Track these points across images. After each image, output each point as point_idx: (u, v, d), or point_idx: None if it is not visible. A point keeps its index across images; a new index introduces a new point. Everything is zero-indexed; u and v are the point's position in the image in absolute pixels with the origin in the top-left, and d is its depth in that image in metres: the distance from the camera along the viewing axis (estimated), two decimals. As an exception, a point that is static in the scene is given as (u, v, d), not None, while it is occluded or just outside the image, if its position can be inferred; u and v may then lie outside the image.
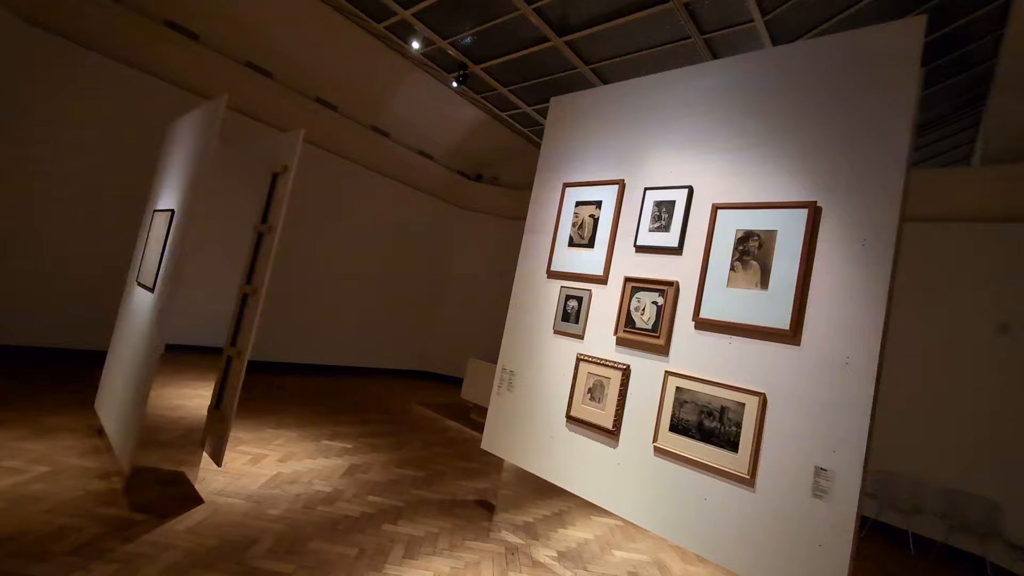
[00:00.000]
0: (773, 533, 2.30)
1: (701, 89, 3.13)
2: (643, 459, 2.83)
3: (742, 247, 2.71)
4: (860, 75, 2.45)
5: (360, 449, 4.36)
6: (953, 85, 5.34)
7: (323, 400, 5.94)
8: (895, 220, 2.22)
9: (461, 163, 9.41)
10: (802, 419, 2.33)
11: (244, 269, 3.33)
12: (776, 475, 2.35)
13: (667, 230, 3.07)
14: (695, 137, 3.08)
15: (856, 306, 2.27)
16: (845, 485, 2.15)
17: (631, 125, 3.44)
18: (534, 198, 3.91)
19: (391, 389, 7.68)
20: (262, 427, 4.39)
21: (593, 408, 3.11)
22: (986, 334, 5.10)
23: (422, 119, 8.02)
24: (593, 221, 3.46)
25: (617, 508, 2.90)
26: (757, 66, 2.92)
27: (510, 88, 6.70)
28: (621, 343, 3.10)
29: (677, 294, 2.93)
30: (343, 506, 3.16)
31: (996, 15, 4.22)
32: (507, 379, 3.65)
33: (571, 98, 3.91)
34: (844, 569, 2.08)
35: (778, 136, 2.72)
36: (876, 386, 2.19)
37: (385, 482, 3.71)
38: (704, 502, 2.56)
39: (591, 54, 5.54)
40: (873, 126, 2.36)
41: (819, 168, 2.51)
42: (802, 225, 2.50)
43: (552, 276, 3.59)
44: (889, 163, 2.27)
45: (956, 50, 4.79)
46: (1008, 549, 4.54)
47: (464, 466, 4.49)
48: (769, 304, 2.55)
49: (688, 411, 2.72)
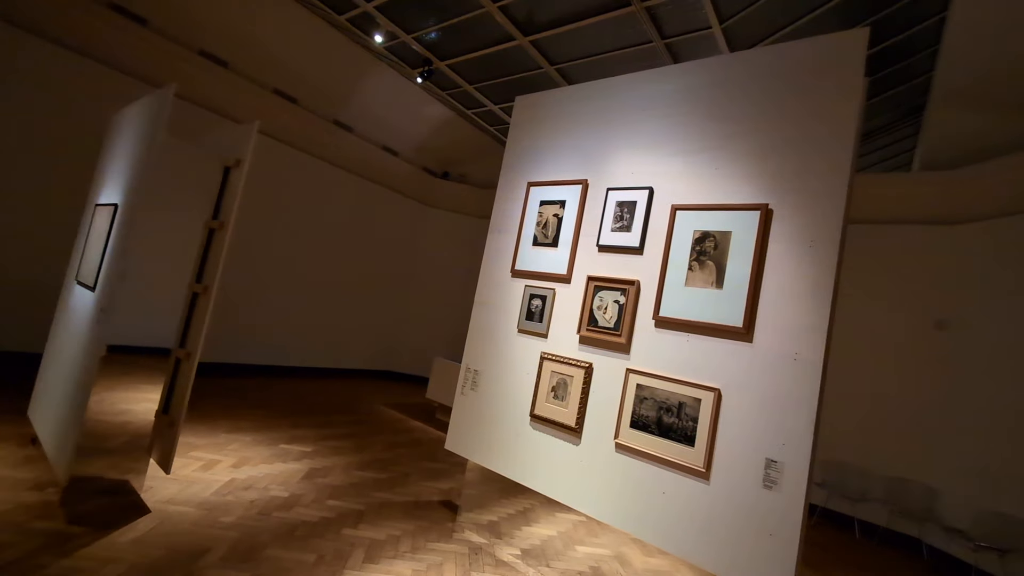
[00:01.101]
0: (727, 524, 2.38)
1: (662, 92, 3.20)
2: (605, 455, 2.87)
3: (699, 247, 2.79)
4: (808, 83, 2.56)
5: (320, 452, 4.24)
6: (895, 95, 5.66)
7: (282, 402, 5.76)
8: (840, 222, 2.33)
9: (427, 160, 9.30)
10: (754, 413, 2.42)
11: (194, 267, 3.18)
12: (729, 467, 2.43)
13: (629, 230, 3.12)
14: (656, 139, 3.15)
15: (804, 304, 2.37)
16: (793, 476, 2.25)
17: (595, 126, 3.48)
18: (499, 197, 3.90)
19: (355, 390, 7.52)
20: (215, 431, 4.21)
21: (557, 406, 3.14)
22: (925, 330, 5.44)
23: (386, 114, 7.87)
24: (557, 220, 3.48)
25: (580, 504, 2.93)
26: (714, 71, 3.00)
27: (476, 85, 6.66)
28: (584, 341, 3.14)
29: (638, 293, 2.98)
30: (301, 511, 3.07)
31: (934, 29, 4.50)
32: (471, 378, 3.63)
33: (536, 97, 3.92)
34: (793, 556, 2.17)
35: (733, 140, 2.80)
36: (822, 380, 2.30)
37: (346, 485, 3.63)
38: (662, 495, 2.62)
39: (556, 54, 5.58)
40: (820, 132, 2.46)
41: (771, 172, 2.60)
42: (755, 226, 2.59)
43: (516, 275, 3.60)
44: (835, 168, 2.38)
45: (898, 62, 5.07)
46: (943, 531, 4.86)
47: (429, 467, 4.45)
48: (724, 303, 2.63)
49: (648, 407, 2.77)
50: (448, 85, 6.85)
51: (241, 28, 6.03)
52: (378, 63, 6.62)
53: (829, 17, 4.37)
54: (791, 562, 2.17)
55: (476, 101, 7.15)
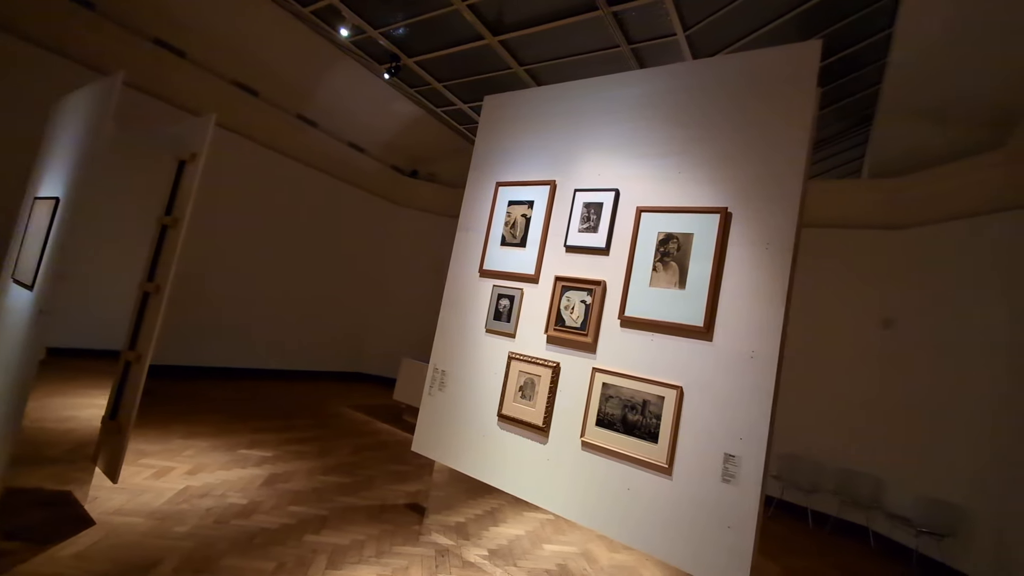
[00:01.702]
0: (688, 518, 2.45)
1: (629, 96, 3.25)
2: (571, 454, 2.90)
3: (663, 249, 2.85)
4: (765, 92, 2.66)
5: (282, 457, 4.12)
6: (847, 105, 5.95)
7: (242, 406, 5.56)
8: (794, 225, 2.43)
9: (396, 158, 9.16)
10: (714, 409, 2.49)
11: (145, 265, 3.03)
12: (691, 463, 2.50)
13: (595, 231, 3.16)
14: (622, 142, 3.20)
15: (761, 303, 2.46)
16: (750, 469, 2.33)
17: (563, 127, 3.50)
18: (467, 196, 3.89)
19: (320, 392, 7.33)
20: (169, 437, 4.03)
21: (524, 406, 3.15)
22: (872, 328, 5.74)
23: (353, 110, 7.71)
24: (525, 221, 3.49)
25: (547, 503, 2.95)
26: (678, 78, 3.08)
27: (445, 83, 6.61)
28: (551, 341, 3.16)
29: (604, 293, 3.02)
30: (261, 518, 2.97)
31: (881, 44, 4.75)
32: (439, 379, 3.60)
33: (505, 97, 3.92)
34: (749, 548, 2.25)
35: (696, 145, 2.88)
36: (777, 377, 2.39)
37: (308, 490, 3.53)
38: (627, 492, 2.66)
39: (525, 55, 5.60)
40: (776, 139, 2.57)
41: (730, 176, 2.69)
42: (715, 229, 2.67)
43: (485, 275, 3.59)
44: (789, 174, 2.48)
45: (849, 74, 5.33)
46: (888, 519, 5.15)
47: (395, 469, 4.38)
48: (686, 302, 2.70)
49: (613, 406, 2.82)
50: (417, 82, 6.77)
51: (199, 16, 5.79)
52: (344, 57, 6.47)
53: (786, 28, 4.55)
54: (748, 553, 2.25)
55: (445, 99, 7.10)
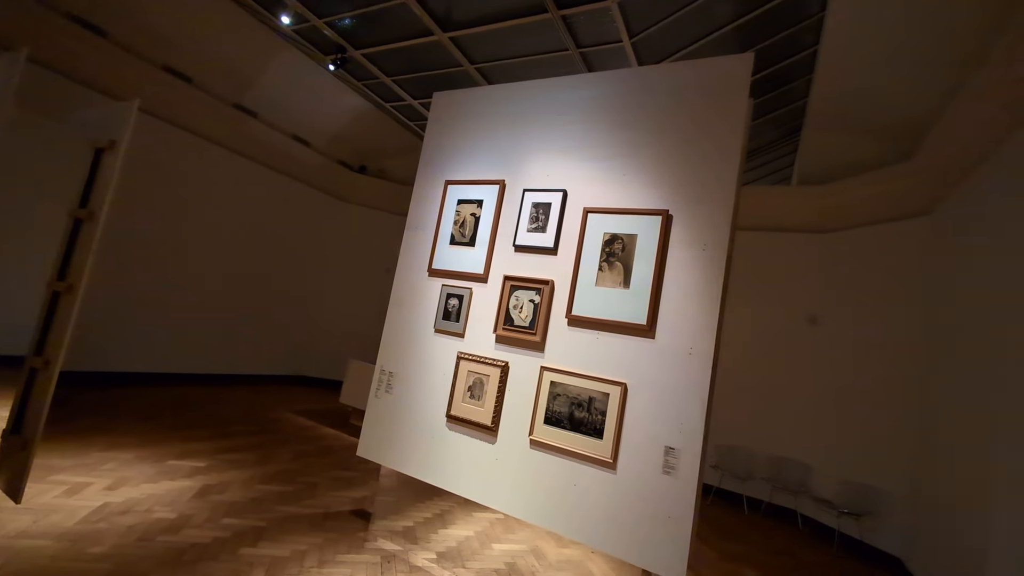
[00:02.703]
0: (631, 510, 2.52)
1: (577, 99, 3.31)
2: (520, 452, 2.92)
3: (609, 249, 2.93)
4: (702, 100, 2.79)
5: (216, 467, 3.88)
6: (778, 116, 6.34)
7: (173, 414, 5.19)
8: (728, 228, 2.56)
9: (343, 153, 8.86)
10: (656, 404, 2.58)
11: (56, 261, 2.76)
12: (634, 457, 2.58)
13: (544, 231, 3.19)
14: (570, 144, 3.25)
15: (698, 303, 2.58)
16: (688, 461, 2.43)
17: (512, 127, 3.51)
18: (416, 194, 3.82)
19: (260, 398, 6.97)
20: (86, 450, 3.69)
21: (473, 406, 3.13)
22: (800, 324, 6.17)
23: (296, 101, 7.39)
24: (474, 220, 3.48)
25: (495, 503, 2.95)
26: (624, 83, 3.17)
27: (394, 78, 6.47)
28: (500, 341, 3.16)
29: (552, 292, 3.06)
30: (191, 533, 2.78)
31: (808, 60, 5.10)
32: (386, 380, 3.51)
33: (455, 95, 3.88)
34: (687, 536, 2.35)
35: (640, 149, 2.97)
36: (713, 372, 2.51)
37: (245, 501, 3.35)
38: (574, 488, 2.71)
39: (476, 53, 5.57)
40: (711, 146, 2.69)
41: (671, 180, 2.80)
42: (657, 230, 2.77)
43: (434, 274, 3.54)
44: (723, 179, 2.61)
45: (781, 87, 5.69)
46: (814, 502, 5.54)
47: (340, 475, 4.23)
48: (630, 301, 2.78)
49: (560, 403, 2.86)
50: (364, 75, 6.58)
51: (121, -7, 5.34)
52: (286, 46, 6.18)
53: (725, 40, 4.79)
54: (686, 541, 2.35)
55: (394, 94, 6.94)
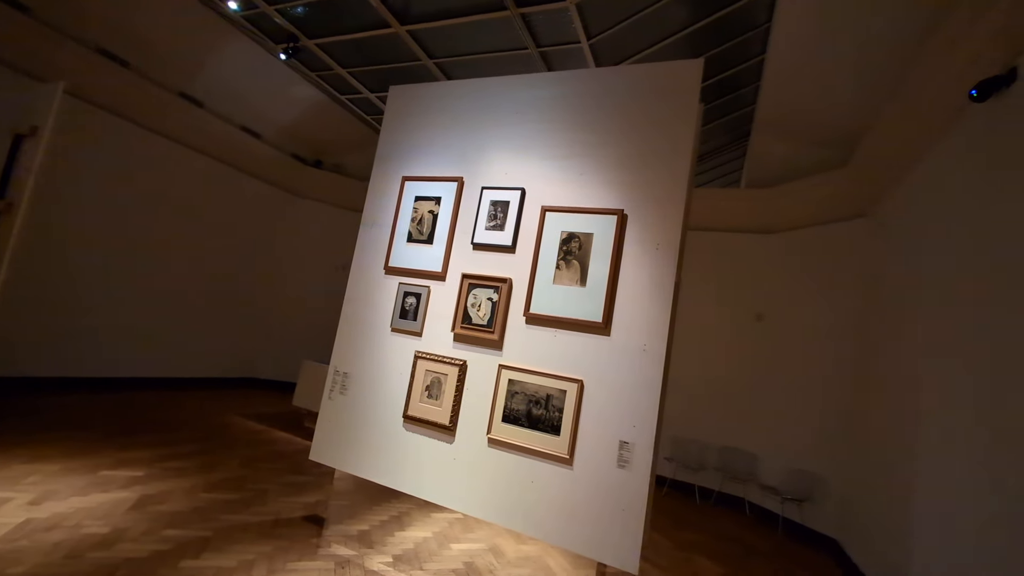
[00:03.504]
0: (587, 504, 2.56)
1: (536, 98, 3.32)
2: (478, 451, 2.91)
3: (566, 247, 2.96)
4: (655, 103, 2.86)
5: (156, 476, 3.65)
6: (729, 121, 6.60)
7: (109, 421, 4.85)
8: (680, 228, 2.64)
9: (296, 146, 8.55)
10: (611, 400, 2.63)
11: (-33, 258, 2.51)
12: (590, 452, 2.62)
13: (502, 229, 3.19)
14: (529, 143, 3.26)
15: (651, 300, 2.65)
16: (642, 454, 2.50)
17: (471, 124, 3.49)
18: (372, 190, 3.72)
19: (209, 401, 6.63)
20: (8, 463, 3.40)
21: (430, 405, 3.09)
22: (748, 321, 6.46)
23: (246, 91, 7.05)
24: (432, 217, 3.43)
25: (453, 503, 2.93)
26: (582, 83, 3.20)
27: (350, 70, 6.28)
28: (458, 339, 3.14)
29: (510, 291, 3.07)
30: (126, 548, 2.61)
31: (756, 69, 5.33)
32: (340, 381, 3.41)
33: (412, 89, 3.81)
34: (640, 527, 2.41)
35: (597, 149, 3.02)
36: (666, 368, 2.59)
37: (188, 511, 3.17)
38: (531, 485, 2.73)
39: (435, 48, 5.49)
40: (664, 148, 2.77)
41: (626, 180, 2.86)
42: (612, 229, 2.82)
43: (390, 272, 3.47)
44: (675, 180, 2.69)
45: (731, 93, 5.92)
46: (760, 490, 5.83)
47: (293, 480, 4.09)
48: (587, 299, 2.82)
49: (518, 401, 2.87)
50: (319, 66, 6.36)
51: (46, -34, 4.93)
52: (235, 33, 5.89)
53: (680, 45, 4.93)
54: (639, 532, 2.41)
55: (350, 87, 6.75)
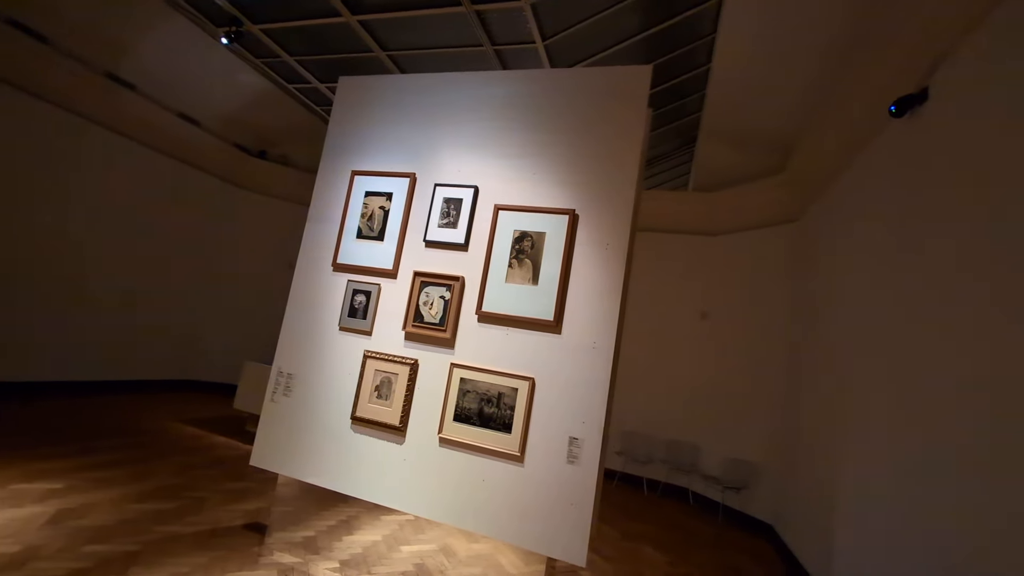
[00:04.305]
0: (537, 501, 2.59)
1: (491, 96, 3.31)
2: (429, 451, 2.88)
3: (519, 246, 2.97)
4: (606, 106, 2.92)
5: (77, 488, 3.37)
6: (678, 127, 6.85)
7: (22, 430, 4.43)
8: (628, 228, 2.72)
9: (239, 135, 8.12)
10: (561, 397, 2.67)
11: None
12: (540, 449, 2.65)
13: (455, 227, 3.17)
14: (483, 140, 3.25)
15: (601, 299, 2.71)
16: (591, 449, 2.55)
17: (425, 120, 3.43)
18: (320, 183, 3.59)
19: (143, 405, 6.19)
20: None
21: (380, 406, 3.03)
22: (692, 319, 6.74)
23: (183, 76, 6.62)
24: (383, 213, 3.35)
25: (403, 504, 2.88)
26: (537, 83, 3.22)
27: (298, 58, 6.03)
28: (409, 338, 3.09)
29: (463, 289, 3.05)
30: (40, 567, 2.39)
31: (702, 77, 5.56)
32: (284, 383, 3.27)
33: (363, 81, 3.71)
34: (588, 521, 2.46)
35: (549, 149, 3.05)
36: (614, 365, 2.66)
37: (114, 524, 2.95)
38: (483, 483, 2.73)
39: (389, 40, 5.37)
40: (613, 150, 2.84)
41: (577, 181, 2.90)
42: (564, 229, 2.86)
43: (339, 269, 3.36)
44: (624, 182, 2.76)
45: (679, 100, 6.15)
46: (703, 480, 6.10)
47: (233, 487, 3.88)
48: (539, 298, 2.85)
49: (470, 400, 2.86)
50: (265, 53, 6.06)
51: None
52: (171, 13, 5.51)
53: (632, 51, 5.06)
54: (587, 525, 2.46)
55: (299, 75, 6.48)
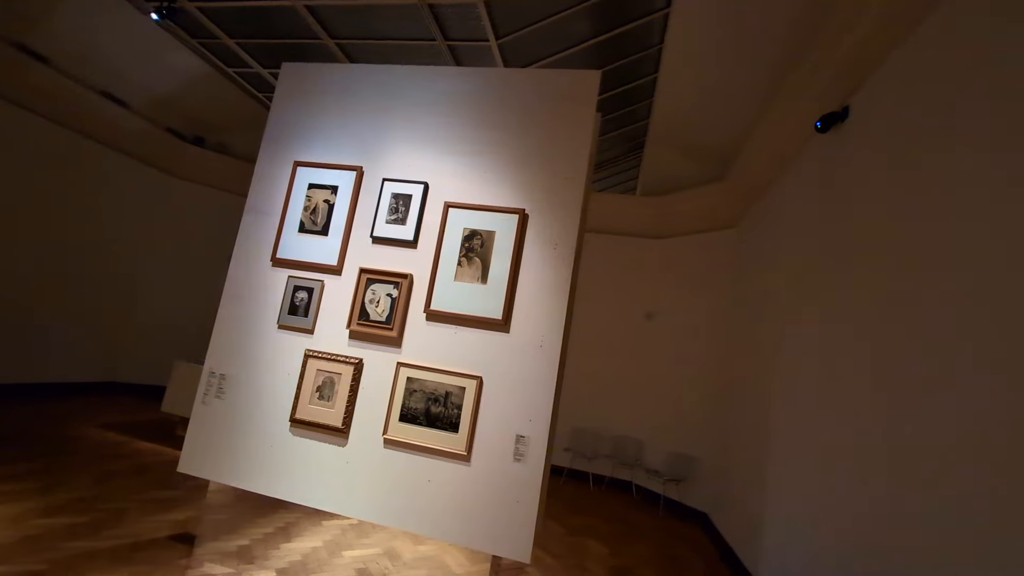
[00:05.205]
0: (483, 500, 2.59)
1: (442, 92, 3.26)
2: (373, 453, 2.80)
3: (468, 244, 2.95)
4: (557, 108, 2.96)
5: (-29, 503, 3.03)
6: (627, 132, 7.05)
7: (-99, 439, 3.92)
8: (576, 229, 2.76)
9: (172, 119, 7.57)
10: (509, 396, 2.68)
11: None
12: (487, 448, 2.65)
13: (404, 223, 3.10)
14: (433, 136, 3.20)
15: (549, 297, 2.74)
16: (537, 447, 2.58)
17: (373, 112, 3.34)
18: (259, 173, 3.41)
19: (54, 411, 5.63)
20: None
21: (321, 407, 2.91)
22: (638, 319, 6.97)
23: (108, 52, 6.08)
24: (328, 207, 3.23)
25: (345, 509, 2.79)
26: (488, 82, 3.21)
27: (239, 40, 5.70)
28: (354, 336, 2.99)
29: (411, 287, 2.99)
30: (-80, 595, 2.12)
31: (650, 85, 5.75)
32: (216, 384, 3.08)
33: (308, 68, 3.55)
34: (533, 518, 2.49)
35: (500, 148, 3.05)
36: (561, 363, 2.69)
37: (15, 542, 2.66)
38: (428, 484, 2.69)
39: (338, 27, 5.18)
40: (563, 152, 2.88)
41: (527, 181, 2.92)
42: (514, 228, 2.87)
43: (278, 264, 3.20)
44: (573, 183, 2.81)
45: (628, 106, 6.33)
46: (646, 473, 6.33)
47: (158, 496, 3.62)
48: (488, 297, 2.84)
49: (417, 399, 2.81)
50: (202, 33, 5.68)
51: None
52: (91, -19, 5.05)
53: (585, 55, 5.15)
54: (532, 522, 2.49)
55: (239, 59, 6.12)
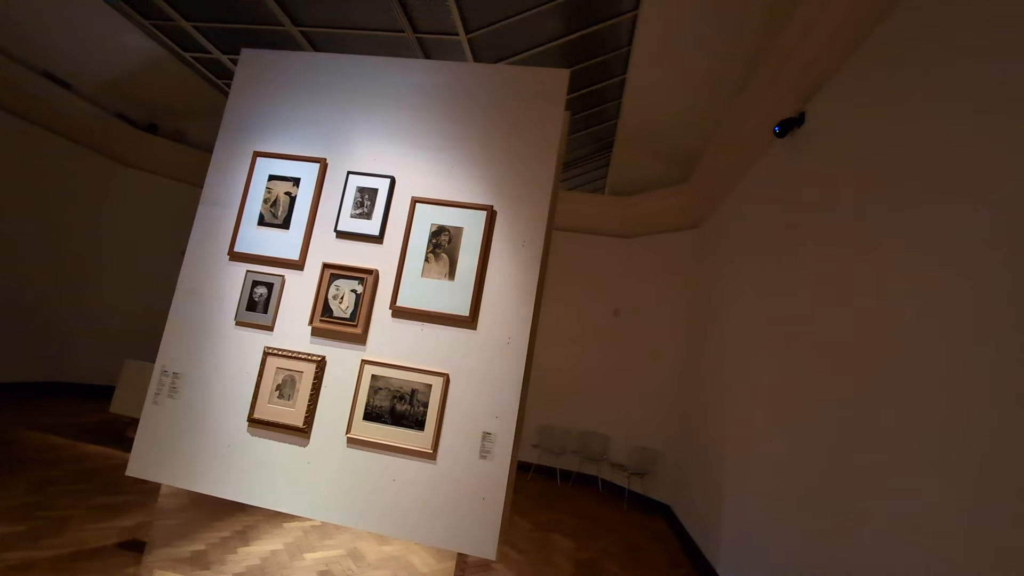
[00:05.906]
0: (449, 498, 2.57)
1: (410, 85, 3.20)
2: (335, 453, 2.74)
3: (436, 240, 2.92)
4: (525, 106, 2.96)
5: None
6: (596, 132, 7.13)
7: None
8: (544, 227, 2.77)
9: (124, 105, 7.16)
10: (475, 393, 2.67)
11: None
12: (454, 445, 2.63)
13: (369, 217, 3.03)
14: (400, 130, 3.14)
15: (516, 294, 2.74)
16: (503, 444, 2.58)
17: (338, 103, 3.25)
18: (216, 163, 3.26)
19: (-19, 412, 5.25)
20: None
21: (282, 406, 2.82)
22: (606, 316, 7.08)
23: (50, 31, 5.70)
24: (289, 199, 3.13)
25: (307, 510, 2.72)
26: (458, 76, 3.17)
27: (196, 24, 5.44)
28: (317, 333, 2.91)
29: (376, 282, 2.93)
30: None
31: (618, 86, 5.82)
32: (168, 383, 2.94)
33: (270, 55, 3.42)
34: (499, 515, 2.49)
35: (469, 144, 3.02)
36: (528, 360, 2.70)
37: (-60, 555, 2.48)
38: (393, 483, 2.65)
39: (302, 15, 5.01)
40: (531, 150, 2.88)
41: (496, 177, 2.91)
42: (482, 225, 2.86)
43: (236, 258, 3.08)
44: (541, 181, 2.82)
45: (597, 106, 6.40)
46: (611, 467, 6.44)
47: (105, 502, 3.43)
48: (455, 293, 2.82)
49: (382, 397, 2.76)
50: (156, 15, 5.39)
51: None
52: (31, -48, 4.71)
53: (555, 54, 5.16)
54: (497, 519, 2.49)
55: (196, 43, 5.85)
